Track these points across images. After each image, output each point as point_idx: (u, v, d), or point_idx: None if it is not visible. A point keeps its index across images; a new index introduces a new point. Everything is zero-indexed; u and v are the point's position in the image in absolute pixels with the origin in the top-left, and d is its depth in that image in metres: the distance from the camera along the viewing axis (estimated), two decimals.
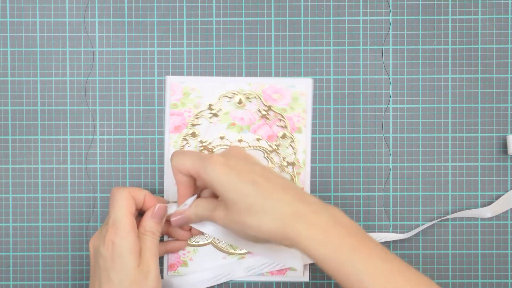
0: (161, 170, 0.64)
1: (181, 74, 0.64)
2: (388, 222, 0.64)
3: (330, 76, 0.64)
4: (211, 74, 0.64)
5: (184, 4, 0.64)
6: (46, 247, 0.64)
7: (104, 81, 0.64)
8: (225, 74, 0.64)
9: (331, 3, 0.64)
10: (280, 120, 0.64)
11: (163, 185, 0.64)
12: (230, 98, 0.64)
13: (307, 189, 0.64)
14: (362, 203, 0.64)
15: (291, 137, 0.64)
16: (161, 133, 0.64)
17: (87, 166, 0.64)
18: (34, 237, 0.64)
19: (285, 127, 0.64)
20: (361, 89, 0.64)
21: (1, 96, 0.64)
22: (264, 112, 0.64)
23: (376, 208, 0.64)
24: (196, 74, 0.64)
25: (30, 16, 0.64)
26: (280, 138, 0.64)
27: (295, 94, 0.63)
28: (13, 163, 0.64)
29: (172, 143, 0.64)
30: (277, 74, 0.64)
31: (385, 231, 0.64)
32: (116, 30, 0.64)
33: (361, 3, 0.64)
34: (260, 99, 0.64)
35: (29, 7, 0.64)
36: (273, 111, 0.64)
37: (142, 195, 0.59)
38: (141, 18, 0.64)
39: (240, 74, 0.64)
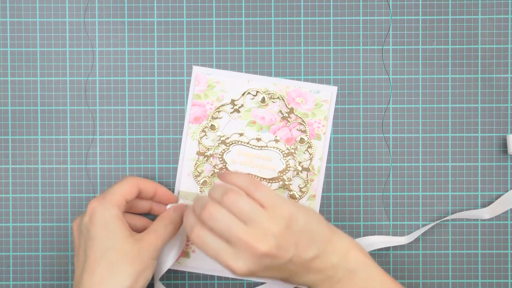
0: (161, 170, 0.64)
1: (181, 75, 0.64)
2: (388, 222, 0.64)
3: (330, 76, 0.64)
4: None
5: (184, 4, 0.64)
6: (46, 247, 0.64)
7: (104, 81, 0.64)
8: None
9: (331, 3, 0.64)
10: (300, 124, 0.63)
11: (162, 185, 0.64)
12: (253, 95, 0.64)
13: (318, 198, 0.63)
14: (362, 203, 0.64)
15: (309, 143, 0.63)
16: (161, 133, 0.64)
17: (87, 166, 0.64)
18: (34, 237, 0.64)
19: (305, 132, 0.63)
20: (361, 89, 0.64)
21: (1, 96, 0.64)
22: (285, 114, 0.63)
23: (376, 208, 0.64)
24: None
25: (30, 16, 0.64)
26: (298, 142, 0.63)
27: (318, 100, 0.63)
28: (13, 163, 0.64)
29: (190, 133, 0.64)
30: (277, 75, 0.64)
31: (385, 231, 0.64)
32: (116, 30, 0.64)
33: (361, 3, 0.64)
34: (283, 100, 0.63)
35: (29, 7, 0.64)
36: (294, 114, 0.63)
37: (153, 188, 0.61)
38: (141, 18, 0.64)
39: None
